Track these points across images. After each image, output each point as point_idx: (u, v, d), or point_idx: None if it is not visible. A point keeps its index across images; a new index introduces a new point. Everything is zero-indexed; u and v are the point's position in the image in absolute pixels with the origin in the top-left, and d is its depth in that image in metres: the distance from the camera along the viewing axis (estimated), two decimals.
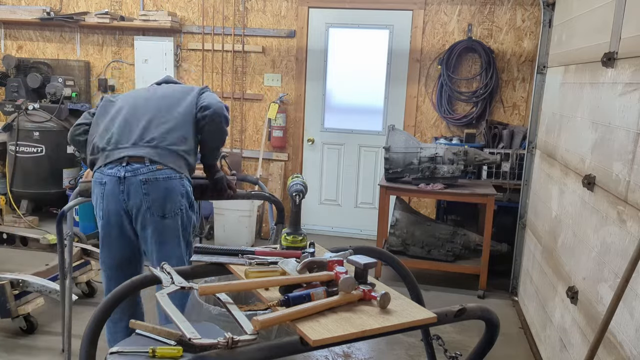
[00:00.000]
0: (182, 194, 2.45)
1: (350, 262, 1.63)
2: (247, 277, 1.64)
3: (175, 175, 2.43)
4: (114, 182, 2.39)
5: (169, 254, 2.42)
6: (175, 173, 2.43)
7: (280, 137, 5.45)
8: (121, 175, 2.37)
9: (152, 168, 2.39)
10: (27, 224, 5.32)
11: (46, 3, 5.79)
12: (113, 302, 1.54)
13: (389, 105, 5.35)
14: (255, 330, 1.31)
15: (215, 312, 2.33)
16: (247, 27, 5.44)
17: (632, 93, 2.15)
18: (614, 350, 2.05)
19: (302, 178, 1.92)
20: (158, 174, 2.39)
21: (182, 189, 2.45)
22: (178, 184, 2.43)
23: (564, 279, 2.84)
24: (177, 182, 2.43)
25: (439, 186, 4.18)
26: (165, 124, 2.48)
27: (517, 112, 5.04)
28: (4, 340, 3.17)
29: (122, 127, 2.48)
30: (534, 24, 4.87)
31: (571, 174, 2.91)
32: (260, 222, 5.53)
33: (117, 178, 2.38)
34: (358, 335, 1.34)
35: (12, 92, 5.59)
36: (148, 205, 2.38)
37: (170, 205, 2.41)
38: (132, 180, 2.37)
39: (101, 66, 5.83)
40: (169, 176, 2.41)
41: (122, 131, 2.47)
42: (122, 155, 2.40)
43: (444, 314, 1.50)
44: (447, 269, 4.37)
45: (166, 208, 2.41)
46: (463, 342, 3.41)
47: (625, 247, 2.05)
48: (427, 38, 5.12)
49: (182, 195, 2.45)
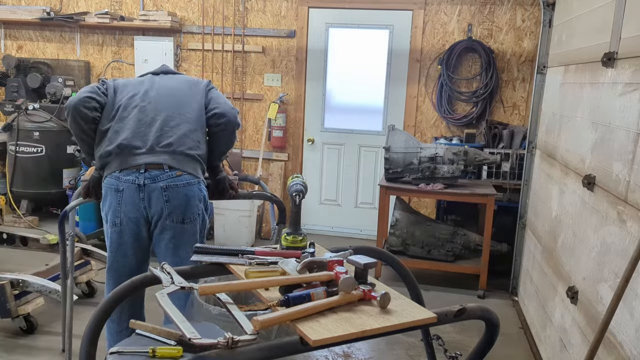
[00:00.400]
0: (200, 198, 2.45)
1: (350, 262, 1.63)
2: (247, 277, 1.64)
3: (194, 180, 2.42)
4: (133, 189, 2.34)
5: (183, 257, 2.39)
6: (193, 178, 2.42)
7: (280, 137, 5.45)
8: (140, 182, 2.34)
9: (172, 174, 2.37)
10: (27, 224, 5.32)
11: (46, 3, 5.79)
12: (113, 302, 1.54)
13: (389, 105, 5.35)
14: (255, 330, 1.31)
15: (215, 312, 2.33)
16: (247, 27, 5.44)
17: (632, 93, 2.15)
18: (614, 350, 2.05)
19: (302, 178, 1.92)
20: (177, 180, 2.37)
21: (200, 193, 2.45)
22: (196, 189, 2.43)
23: (564, 279, 2.84)
24: (195, 187, 2.42)
25: (439, 186, 4.18)
26: (179, 126, 2.44)
27: (517, 112, 5.04)
28: (4, 340, 3.17)
29: (134, 129, 2.41)
30: (534, 24, 4.87)
31: (571, 174, 2.91)
32: (261, 222, 5.53)
33: (137, 185, 2.34)
34: (358, 335, 1.34)
35: (12, 92, 5.59)
36: (169, 211, 2.37)
37: (190, 210, 2.41)
38: (153, 187, 2.34)
39: (101, 66, 5.83)
40: (189, 182, 2.40)
41: (136, 134, 2.40)
42: (139, 162, 2.36)
43: (444, 314, 1.50)
44: (447, 269, 4.37)
45: (186, 214, 2.40)
46: (463, 342, 3.41)
47: (625, 247, 2.05)
48: (427, 38, 5.12)
49: (200, 200, 2.45)
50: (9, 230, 4.13)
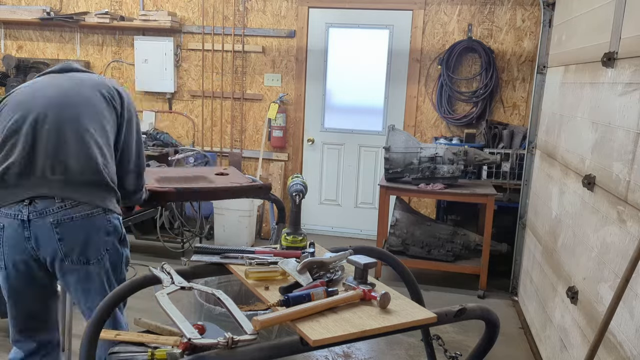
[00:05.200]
0: (108, 231, 2.02)
1: (350, 262, 1.63)
2: (247, 277, 1.65)
3: (95, 210, 1.98)
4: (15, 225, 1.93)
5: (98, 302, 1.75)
6: (94, 208, 1.98)
7: (280, 137, 5.45)
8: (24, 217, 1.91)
9: (64, 205, 1.94)
10: None
11: (46, 3, 5.78)
12: (113, 303, 1.54)
13: (389, 105, 5.35)
14: (255, 330, 1.31)
15: (215, 312, 2.33)
16: (247, 27, 5.44)
17: (632, 93, 2.15)
18: (614, 350, 2.05)
19: (302, 178, 1.92)
20: (72, 212, 1.93)
21: (108, 224, 2.01)
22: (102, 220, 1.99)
23: (564, 279, 2.84)
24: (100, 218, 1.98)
25: (439, 186, 4.18)
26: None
27: (517, 112, 5.03)
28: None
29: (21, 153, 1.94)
30: (534, 24, 4.87)
31: (571, 174, 2.91)
32: (260, 222, 5.53)
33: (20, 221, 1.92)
34: (358, 335, 1.34)
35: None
36: (65, 252, 1.93)
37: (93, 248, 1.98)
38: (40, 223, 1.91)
39: (101, 66, 5.83)
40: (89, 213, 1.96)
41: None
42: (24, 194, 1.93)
43: (444, 314, 1.50)
44: (447, 269, 4.37)
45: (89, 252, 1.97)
46: (463, 342, 3.41)
47: (625, 247, 2.05)
48: (427, 38, 5.12)
49: (107, 233, 2.02)
50: None
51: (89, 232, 1.94)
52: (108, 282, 2.04)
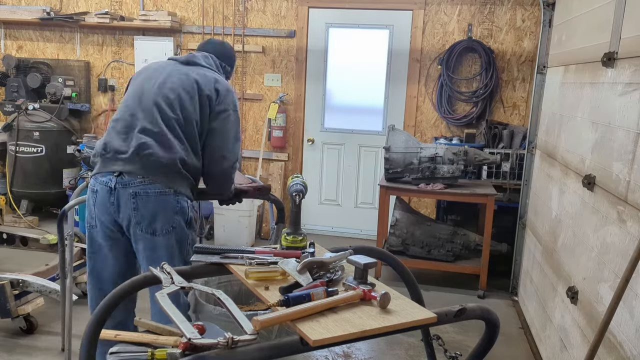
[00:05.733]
0: (175, 210, 2.28)
1: (350, 262, 1.63)
2: (247, 277, 1.65)
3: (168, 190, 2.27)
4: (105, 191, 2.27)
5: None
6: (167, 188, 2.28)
7: (280, 137, 5.45)
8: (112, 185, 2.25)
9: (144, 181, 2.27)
10: (27, 224, 5.32)
11: (46, 3, 5.79)
12: (113, 302, 1.54)
13: (389, 105, 5.35)
14: (255, 330, 1.31)
15: (215, 312, 2.33)
16: (247, 27, 5.44)
17: (632, 93, 2.15)
18: (614, 350, 2.05)
19: (302, 178, 1.92)
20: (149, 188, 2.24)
21: (176, 205, 2.29)
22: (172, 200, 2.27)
23: (564, 279, 2.84)
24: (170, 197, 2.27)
25: (439, 186, 4.18)
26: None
27: (517, 112, 5.04)
28: (4, 340, 3.17)
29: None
30: (534, 24, 4.87)
31: (571, 174, 2.91)
32: (260, 222, 5.53)
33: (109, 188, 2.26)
34: (358, 335, 1.34)
35: (12, 92, 5.59)
36: (137, 220, 2.24)
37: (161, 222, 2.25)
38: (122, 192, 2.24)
39: (101, 66, 5.83)
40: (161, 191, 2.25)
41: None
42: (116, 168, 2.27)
43: (444, 314, 1.50)
44: (447, 269, 4.37)
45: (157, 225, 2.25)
46: (463, 342, 3.41)
47: (625, 247, 2.05)
48: (427, 38, 5.12)
49: (175, 212, 2.28)
50: (9, 230, 4.13)
51: (158, 207, 2.22)
52: (172, 256, 2.26)
